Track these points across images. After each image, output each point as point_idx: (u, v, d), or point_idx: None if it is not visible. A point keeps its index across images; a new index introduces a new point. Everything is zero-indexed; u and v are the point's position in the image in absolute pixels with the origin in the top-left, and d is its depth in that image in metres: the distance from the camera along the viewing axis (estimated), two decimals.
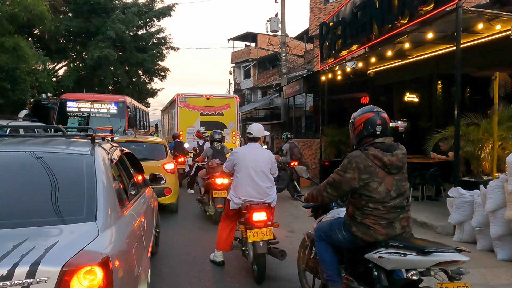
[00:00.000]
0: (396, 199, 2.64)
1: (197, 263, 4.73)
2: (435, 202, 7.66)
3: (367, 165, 2.63)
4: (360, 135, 2.76)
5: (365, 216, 2.65)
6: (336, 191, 2.77)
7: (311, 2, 20.12)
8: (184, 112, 13.65)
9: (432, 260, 2.31)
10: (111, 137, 3.99)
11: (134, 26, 22.84)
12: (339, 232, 2.85)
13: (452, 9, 5.90)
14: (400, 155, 2.68)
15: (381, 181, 2.62)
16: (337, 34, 9.83)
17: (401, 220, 2.66)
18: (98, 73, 21.98)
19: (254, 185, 4.29)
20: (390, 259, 2.47)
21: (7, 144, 3.04)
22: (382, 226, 2.61)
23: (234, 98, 14.61)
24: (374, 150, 2.65)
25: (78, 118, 12.15)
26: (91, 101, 12.39)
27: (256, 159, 4.38)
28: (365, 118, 2.74)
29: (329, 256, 2.95)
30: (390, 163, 2.63)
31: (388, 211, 2.63)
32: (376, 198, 2.61)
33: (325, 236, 2.97)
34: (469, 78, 9.26)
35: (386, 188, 2.62)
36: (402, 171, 2.71)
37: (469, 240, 5.38)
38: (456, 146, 5.98)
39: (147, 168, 4.95)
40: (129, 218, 2.79)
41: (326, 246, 2.97)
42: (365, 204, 2.65)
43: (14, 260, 1.77)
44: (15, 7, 12.67)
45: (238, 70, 37.90)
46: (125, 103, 12.48)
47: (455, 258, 2.28)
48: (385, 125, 2.72)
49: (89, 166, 2.57)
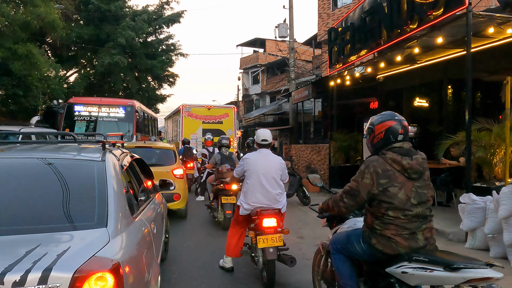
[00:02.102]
0: (418, 207, 2.49)
1: (207, 269, 4.72)
2: (446, 208, 7.56)
3: (386, 169, 2.50)
4: (379, 143, 2.62)
5: (385, 226, 2.49)
6: (353, 199, 2.61)
7: (320, 8, 20.16)
8: (188, 121, 15.54)
9: (462, 276, 2.13)
10: (122, 143, 4.02)
11: (144, 33, 23.11)
12: (357, 245, 2.69)
13: (462, 14, 5.86)
14: (420, 160, 2.57)
15: (400, 186, 2.48)
16: (346, 39, 9.83)
17: (424, 231, 2.50)
18: (108, 80, 22.27)
19: (264, 192, 4.27)
20: (414, 274, 2.30)
21: (19, 150, 3.09)
22: (403, 238, 2.45)
23: (232, 108, 16.63)
24: (392, 154, 2.53)
25: (86, 123, 11.97)
26: (99, 105, 12.21)
27: (266, 166, 4.37)
28: (387, 126, 2.60)
29: (347, 270, 2.80)
30: (410, 166, 2.50)
31: (409, 220, 2.47)
32: (396, 205, 2.47)
33: (342, 248, 2.83)
34: (480, 83, 9.17)
35: (406, 195, 2.48)
36: (423, 178, 2.57)
37: (482, 247, 5.29)
38: (468, 151, 5.92)
39: (157, 174, 4.97)
40: (139, 224, 2.80)
41: (344, 259, 2.82)
42: (384, 212, 2.50)
43: (27, 266, 1.78)
44: (28, 16, 12.92)
45: (247, 75, 38.03)
46: (133, 107, 12.31)
47: (488, 275, 2.12)
48: (406, 133, 2.60)
49: (100, 172, 2.59)
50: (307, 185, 10.94)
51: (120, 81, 22.65)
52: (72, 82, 22.37)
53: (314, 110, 17.18)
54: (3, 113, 14.48)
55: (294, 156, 15.25)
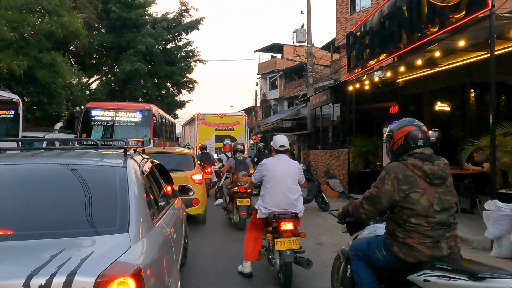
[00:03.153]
0: (441, 214, 2.43)
1: (225, 274, 4.73)
2: (470, 215, 7.36)
3: (407, 175, 2.46)
4: (399, 149, 2.59)
5: (408, 234, 2.44)
6: (374, 206, 2.57)
7: (338, 13, 20.08)
8: (202, 128, 16.94)
9: (487, 286, 2.10)
10: (142, 149, 4.09)
11: (163, 40, 23.52)
12: (378, 252, 2.65)
13: (485, 16, 5.73)
14: (442, 165, 2.52)
15: (423, 192, 2.43)
16: (365, 43, 9.75)
17: (447, 240, 2.43)
18: (129, 86, 22.71)
19: (282, 196, 4.36)
20: (437, 283, 2.25)
21: (44, 156, 3.18)
22: (426, 246, 2.39)
23: (243, 116, 18.06)
24: (413, 160, 2.49)
25: (103, 127, 11.65)
26: (116, 110, 11.87)
27: (284, 171, 4.46)
28: (406, 132, 2.57)
29: (367, 277, 2.76)
30: (432, 172, 2.45)
31: (432, 228, 2.41)
32: (418, 211, 2.41)
33: (362, 255, 2.78)
34: (504, 86, 8.92)
35: (428, 201, 2.42)
36: (446, 184, 2.51)
37: (509, 256, 5.12)
38: (493, 157, 5.76)
39: (176, 179, 5.02)
40: (160, 229, 2.83)
41: (364, 266, 2.78)
42: (406, 219, 2.44)
43: (52, 270, 1.82)
44: (52, 25, 13.32)
45: (265, 81, 38.12)
46: (150, 111, 11.91)
47: None
48: (426, 139, 2.57)
49: (121, 178, 2.63)
50: (326, 190, 10.84)
51: (140, 88, 23.07)
52: (94, 89, 22.92)
53: (333, 115, 17.04)
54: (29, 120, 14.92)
55: (312, 161, 15.16)
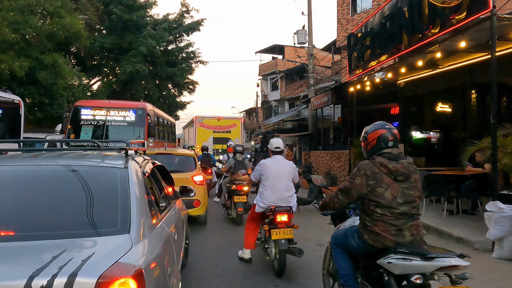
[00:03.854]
0: (404, 206, 2.78)
1: (226, 275, 4.73)
2: (471, 216, 7.34)
3: (374, 172, 2.83)
4: (373, 149, 2.96)
5: (374, 222, 2.80)
6: (346, 197, 2.95)
7: (339, 14, 20.09)
8: (200, 130, 18.07)
9: (434, 265, 2.45)
10: (143, 150, 4.09)
11: (164, 41, 23.54)
12: (353, 240, 3.02)
13: (486, 17, 5.72)
14: (406, 163, 2.85)
15: (387, 187, 2.79)
16: (366, 44, 9.75)
17: (410, 228, 2.78)
18: (130, 87, 22.73)
19: (278, 193, 4.85)
20: (397, 264, 2.60)
21: (45, 157, 3.18)
22: (390, 234, 2.75)
23: (239, 119, 19.32)
24: (381, 158, 2.86)
25: (93, 127, 10.82)
26: (107, 108, 11.06)
27: (280, 170, 4.95)
28: (378, 134, 2.94)
29: (344, 262, 3.13)
30: (395, 169, 2.80)
31: (396, 217, 2.77)
32: (382, 203, 2.77)
33: (340, 243, 3.18)
34: (505, 87, 8.92)
35: (392, 194, 2.78)
36: (410, 180, 2.84)
37: (510, 257, 5.11)
38: (494, 158, 5.75)
39: (177, 180, 5.02)
40: (161, 230, 2.84)
41: (342, 253, 3.17)
42: (373, 210, 2.81)
43: (53, 271, 1.83)
44: (54, 26, 13.37)
45: (266, 82, 38.15)
46: (144, 110, 11.12)
47: (455, 263, 2.42)
48: (395, 140, 2.93)
49: (122, 179, 2.64)
50: (327, 191, 10.85)
51: (142, 89, 23.11)
52: (95, 90, 22.95)
53: (334, 116, 17.05)
54: (30, 121, 14.95)
55: (313, 162, 15.17)
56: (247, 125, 46.68)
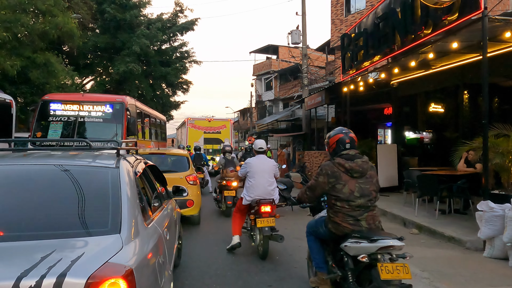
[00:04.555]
0: (360, 199, 3.24)
1: (219, 276, 4.72)
2: (463, 216, 7.40)
3: (334, 171, 3.33)
4: (334, 151, 3.47)
5: (335, 214, 3.29)
6: (312, 193, 3.51)
7: (332, 14, 20.15)
8: (192, 131, 18.89)
9: (376, 246, 2.97)
10: (136, 149, 4.07)
11: (158, 40, 23.43)
12: (321, 228, 3.55)
13: (478, 18, 5.77)
14: (360, 162, 3.34)
15: (345, 183, 3.27)
16: (359, 45, 9.78)
17: (366, 218, 3.24)
18: (123, 87, 22.57)
19: (262, 188, 5.53)
20: (351, 247, 3.10)
21: (36, 157, 3.15)
22: (349, 223, 3.23)
23: (229, 121, 20.33)
24: (339, 159, 3.35)
25: (63, 124, 9.42)
26: (80, 102, 9.61)
27: (263, 167, 5.65)
28: (337, 138, 3.46)
29: (316, 248, 3.66)
30: (351, 168, 3.29)
31: (353, 209, 3.24)
32: (341, 197, 3.26)
33: (312, 231, 3.70)
34: (497, 88, 8.99)
35: (349, 189, 3.25)
36: (365, 176, 3.33)
37: (501, 256, 5.15)
38: (485, 158, 5.79)
39: (170, 180, 5.01)
40: (153, 230, 2.82)
41: (314, 240, 3.67)
42: (334, 203, 3.30)
43: (42, 272, 1.81)
44: (46, 25, 13.23)
45: (260, 82, 38.15)
46: (123, 105, 9.64)
47: (392, 244, 2.97)
48: (352, 143, 3.43)
49: (114, 179, 2.62)
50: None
51: (135, 88, 22.97)
52: (88, 90, 22.77)
53: (328, 116, 17.06)
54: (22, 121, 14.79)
55: (307, 162, 15.19)
56: (241, 125, 46.65)
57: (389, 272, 2.90)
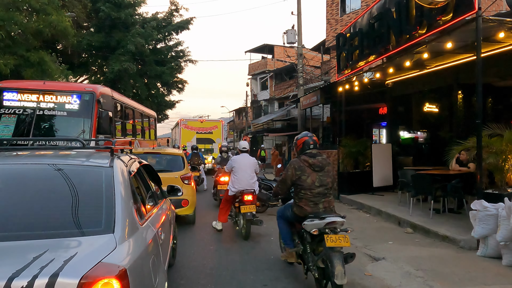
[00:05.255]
0: (319, 188, 4.14)
1: (214, 275, 4.71)
2: (457, 215, 7.44)
3: (300, 165, 4.20)
4: (301, 150, 4.35)
5: (300, 199, 4.17)
6: (284, 185, 4.34)
7: (328, 14, 20.19)
8: (185, 132, 20.06)
9: (324, 222, 3.82)
10: (130, 149, 4.05)
11: (153, 39, 23.32)
12: (288, 211, 4.43)
13: (472, 19, 5.80)
14: (320, 159, 4.24)
15: (308, 175, 4.15)
16: (354, 45, 9.80)
17: (323, 203, 4.14)
18: (118, 86, 22.43)
19: (245, 181, 6.64)
20: (307, 224, 3.92)
21: (29, 156, 3.13)
22: (309, 207, 4.11)
23: (220, 122, 21.44)
24: (304, 156, 4.25)
25: (17, 118, 7.70)
26: (41, 92, 7.86)
27: (246, 164, 6.76)
28: (303, 140, 4.35)
29: (284, 228, 4.55)
30: (313, 163, 4.18)
31: (313, 195, 4.12)
32: (304, 186, 4.13)
33: (281, 215, 4.59)
34: (490, 88, 9.06)
35: (311, 180, 4.14)
36: (324, 170, 4.21)
37: (494, 255, 5.19)
38: (479, 157, 5.83)
39: (165, 180, 4.98)
40: (147, 230, 2.80)
41: (283, 222, 4.57)
42: (299, 191, 4.17)
43: (34, 272, 1.79)
44: (40, 24, 13.12)
45: (255, 81, 38.14)
46: (93, 95, 7.92)
47: (335, 220, 3.81)
48: (314, 144, 4.31)
49: (107, 178, 2.61)
50: None
51: (130, 88, 22.85)
52: None
53: (323, 115, 17.09)
54: None
55: None
56: (236, 125, 46.61)
57: (333, 241, 3.71)
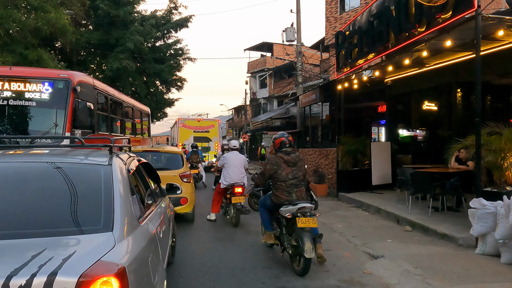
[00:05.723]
0: (292, 180, 4.93)
1: (213, 273, 4.71)
2: (456, 213, 7.45)
3: (276, 161, 5.02)
4: (278, 149, 5.16)
5: (276, 189, 4.97)
6: (263, 177, 5.19)
7: (327, 12, 20.16)
8: (183, 130, 20.60)
9: (296, 207, 4.63)
10: (129, 147, 4.04)
11: (152, 37, 23.27)
12: (267, 200, 5.21)
13: (471, 16, 5.79)
14: (294, 156, 5.05)
15: (283, 170, 4.95)
16: (353, 43, 9.79)
17: (296, 192, 4.91)
18: (117, 84, 22.39)
19: (235, 175, 7.44)
20: (283, 210, 4.75)
21: (28, 154, 3.12)
22: (284, 195, 4.88)
23: (217, 121, 22.23)
24: (281, 154, 5.06)
25: None
26: (6, 78, 6.75)
27: (236, 160, 7.55)
28: (280, 140, 5.19)
29: (265, 215, 5.34)
30: (288, 160, 5.00)
31: (287, 186, 4.91)
32: (280, 178, 4.93)
33: (262, 204, 5.39)
34: (489, 86, 9.05)
35: (286, 174, 4.93)
36: (297, 165, 5.00)
37: (493, 253, 5.20)
38: (478, 156, 5.83)
39: (164, 178, 4.98)
40: (146, 228, 2.80)
41: (263, 210, 5.35)
42: (276, 183, 4.98)
43: (33, 270, 1.79)
44: (38, 21, 13.09)
45: (254, 79, 38.12)
46: (68, 83, 6.78)
47: (304, 205, 4.65)
48: (290, 143, 5.16)
49: (106, 176, 2.60)
50: (315, 189, 10.89)
51: (129, 85, 22.81)
52: None
53: (322, 114, 17.09)
54: None
55: None
56: (235, 123, 46.59)
57: (303, 223, 4.50)
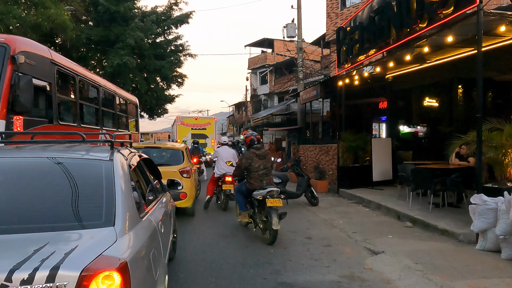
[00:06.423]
0: (263, 170, 6.14)
1: (214, 269, 4.73)
2: (456, 209, 7.46)
3: (250, 156, 6.20)
4: (249, 145, 6.40)
5: (250, 177, 6.15)
6: (239, 170, 6.40)
7: (328, 8, 20.10)
8: (181, 128, 22.05)
9: (265, 191, 5.83)
10: (130, 142, 4.04)
11: (152, 33, 23.19)
12: (243, 186, 6.35)
13: (473, 12, 5.77)
14: (263, 151, 6.33)
15: (256, 162, 6.13)
16: (354, 39, 9.76)
17: (266, 179, 6.12)
18: (117, 80, 22.35)
19: (225, 167, 8.63)
20: (256, 193, 5.95)
21: (30, 150, 3.12)
22: (257, 182, 6.07)
23: (213, 119, 23.91)
24: (252, 149, 6.29)
25: None
26: None
27: (227, 154, 8.88)
28: (250, 138, 6.47)
29: (240, 198, 6.47)
30: (259, 154, 6.20)
31: (259, 175, 6.11)
32: (253, 169, 6.12)
33: (239, 190, 6.51)
34: (491, 82, 9.05)
35: (258, 165, 6.13)
36: (266, 158, 6.25)
37: (493, 249, 5.21)
38: (479, 152, 5.83)
39: (163, 173, 4.98)
40: (147, 223, 2.81)
41: (240, 194, 6.47)
42: (250, 172, 6.16)
43: (35, 265, 1.79)
44: (38, 17, 13.07)
45: (255, 76, 38.04)
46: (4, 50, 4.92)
47: (272, 188, 5.86)
48: (258, 140, 6.48)
49: (108, 171, 2.60)
50: (315, 185, 10.89)
51: (129, 82, 22.77)
52: None
53: (323, 110, 17.07)
54: None
55: (302, 156, 15.20)
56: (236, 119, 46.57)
57: (272, 203, 5.73)
